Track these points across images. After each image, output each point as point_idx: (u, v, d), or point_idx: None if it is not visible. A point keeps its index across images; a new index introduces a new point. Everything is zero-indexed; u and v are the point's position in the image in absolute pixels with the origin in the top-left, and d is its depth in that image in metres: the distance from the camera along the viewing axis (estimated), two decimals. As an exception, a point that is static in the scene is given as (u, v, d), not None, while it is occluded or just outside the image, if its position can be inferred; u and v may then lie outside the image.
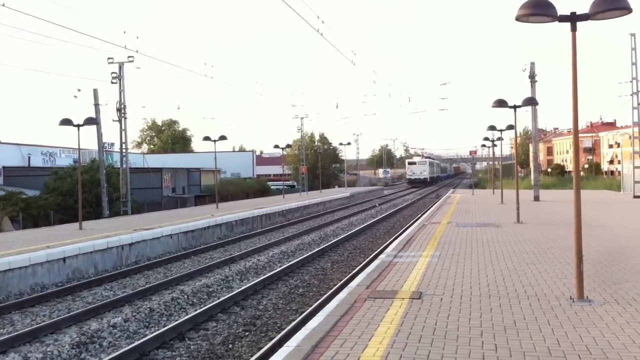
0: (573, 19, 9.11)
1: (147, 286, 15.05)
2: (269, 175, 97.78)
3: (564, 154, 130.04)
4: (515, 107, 22.27)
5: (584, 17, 8.98)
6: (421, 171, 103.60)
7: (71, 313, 12.32)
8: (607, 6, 8.56)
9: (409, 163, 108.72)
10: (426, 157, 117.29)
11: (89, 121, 24.13)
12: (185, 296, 13.79)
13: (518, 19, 9.14)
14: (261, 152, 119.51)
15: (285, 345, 7.37)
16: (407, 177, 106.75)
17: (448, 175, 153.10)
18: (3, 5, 14.11)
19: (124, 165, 38.41)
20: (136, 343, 10.03)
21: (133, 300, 13.56)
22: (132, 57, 36.63)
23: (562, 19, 9.10)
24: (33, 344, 10.38)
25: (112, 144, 55.68)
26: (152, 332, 10.92)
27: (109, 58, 37.11)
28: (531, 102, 24.52)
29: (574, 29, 9.17)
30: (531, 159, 45.52)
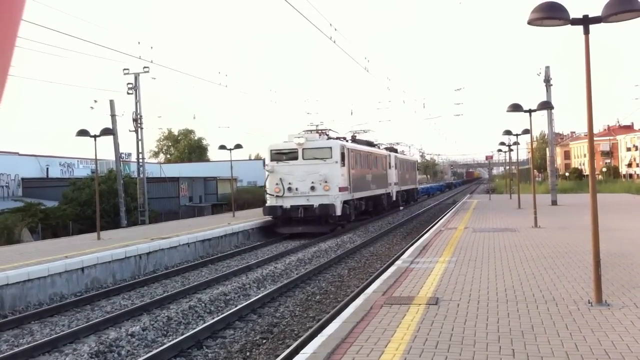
0: (586, 21, 9.08)
1: (164, 295, 15.12)
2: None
3: (581, 157, 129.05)
4: (530, 111, 22.20)
5: (597, 20, 8.95)
6: (312, 180, 28.52)
7: (90, 322, 12.40)
8: (620, 8, 8.53)
9: (275, 153, 29.66)
10: (353, 138, 38.38)
11: (106, 132, 24.31)
12: (203, 304, 13.83)
13: (531, 22, 9.13)
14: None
15: (301, 352, 7.38)
16: (267, 196, 29.73)
17: (441, 187, 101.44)
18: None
19: (141, 175, 38.63)
20: (154, 352, 10.08)
21: (151, 309, 13.63)
22: (148, 67, 36.90)
23: (575, 22, 9.08)
24: (52, 354, 10.46)
25: (129, 154, 56.00)
26: (170, 341, 10.96)
27: (124, 69, 37.40)
28: (546, 106, 24.44)
29: (587, 31, 9.14)
30: (548, 163, 45.21)
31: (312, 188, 27.93)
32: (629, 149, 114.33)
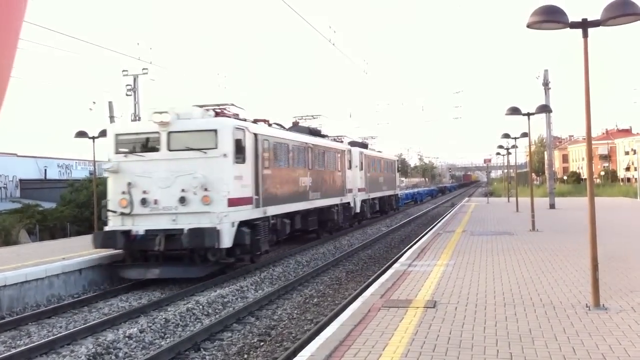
0: (585, 25, 9.10)
1: (162, 297, 15.10)
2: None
3: (579, 161, 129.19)
4: (529, 114, 22.23)
5: (596, 24, 8.97)
6: (183, 187, 16.54)
7: (87, 324, 12.39)
8: (618, 12, 8.55)
9: (123, 140, 17.79)
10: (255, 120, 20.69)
11: (104, 133, 24.27)
12: (201, 307, 13.81)
13: (530, 26, 9.15)
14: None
15: (299, 354, 7.38)
16: (108, 214, 17.27)
17: (433, 192, 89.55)
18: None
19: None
20: (152, 354, 10.07)
21: (148, 311, 13.61)
22: (147, 69, 36.84)
23: (574, 25, 9.10)
24: (50, 355, 10.44)
25: (128, 156, 55.84)
26: (168, 343, 10.95)
27: (123, 70, 37.34)
28: (545, 109, 24.49)
29: (585, 35, 9.16)
30: (546, 166, 45.27)
31: (182, 200, 16.23)
32: (627, 153, 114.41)
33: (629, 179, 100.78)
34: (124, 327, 12.16)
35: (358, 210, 32.84)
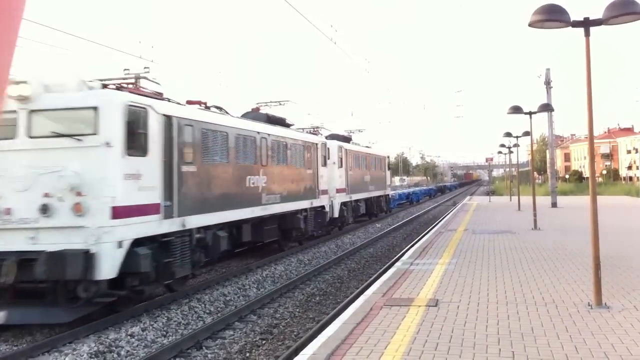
0: (586, 24, 9.10)
1: (164, 295, 15.10)
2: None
3: (581, 160, 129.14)
4: (530, 113, 22.23)
5: (597, 22, 8.97)
6: (47, 190, 11.24)
7: (89, 323, 12.38)
8: (620, 11, 8.55)
9: None
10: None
11: None
12: (203, 305, 13.83)
13: (532, 24, 9.15)
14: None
15: (301, 353, 7.38)
16: None
17: (431, 191, 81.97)
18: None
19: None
20: (154, 352, 10.09)
21: (150, 310, 13.61)
22: (148, 68, 36.78)
23: (576, 24, 9.11)
24: (52, 354, 10.45)
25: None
26: (170, 341, 10.96)
27: (125, 69, 37.31)
28: (547, 108, 24.49)
29: (587, 34, 9.17)
30: (548, 165, 45.23)
31: (45, 209, 11.33)
32: (629, 152, 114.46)
33: (630, 178, 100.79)
34: (126, 326, 12.16)
35: (336, 214, 27.49)
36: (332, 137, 30.27)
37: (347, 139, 33.11)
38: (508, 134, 33.27)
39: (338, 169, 28.22)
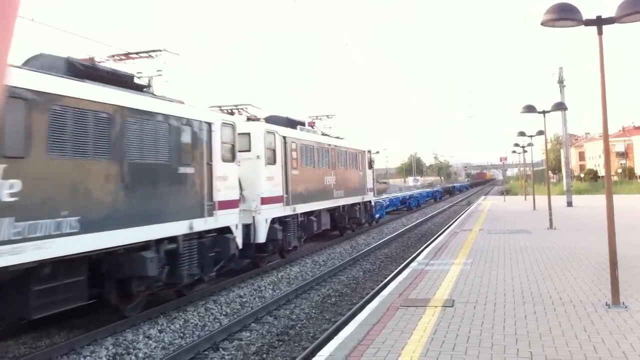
0: (599, 22, 9.07)
1: (181, 297, 15.16)
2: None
3: (596, 158, 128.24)
4: (544, 112, 22.14)
5: (610, 21, 8.94)
6: None
7: (107, 325, 12.47)
8: (633, 9, 8.52)
9: None
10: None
11: None
12: (219, 306, 13.89)
13: (544, 23, 9.13)
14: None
15: (318, 354, 7.40)
16: None
17: (437, 193, 70.36)
18: (32, 20, 14.40)
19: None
20: (171, 354, 10.15)
21: (167, 311, 13.68)
22: (161, 70, 36.95)
23: (588, 22, 9.07)
24: (70, 356, 10.53)
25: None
26: (187, 343, 11.02)
27: (138, 72, 37.48)
28: (560, 107, 24.36)
29: (600, 32, 9.13)
30: (563, 164, 44.99)
31: None
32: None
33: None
34: (143, 328, 12.24)
35: (261, 238, 18.11)
36: (271, 119, 21.54)
37: (295, 124, 23.08)
38: (522, 134, 33.17)
39: (266, 167, 18.78)
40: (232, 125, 15.93)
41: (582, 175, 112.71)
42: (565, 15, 8.95)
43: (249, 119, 19.71)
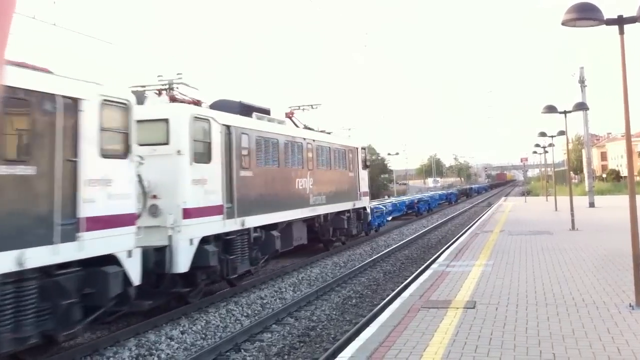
0: (620, 22, 9.01)
1: (202, 298, 15.25)
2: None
3: (618, 159, 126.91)
4: (565, 112, 21.99)
5: (631, 20, 8.88)
6: None
7: (130, 326, 12.58)
8: (656, 8, 8.44)
9: None
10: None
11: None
12: (240, 308, 13.95)
13: (565, 23, 9.08)
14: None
15: (339, 356, 7.42)
16: None
17: (451, 196, 65.09)
18: (54, 24, 14.64)
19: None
20: (193, 355, 10.22)
21: (189, 313, 13.77)
22: (181, 73, 37.20)
23: (609, 22, 9.02)
24: (94, 357, 10.64)
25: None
26: (209, 344, 11.09)
27: (158, 76, 37.71)
28: (582, 107, 24.20)
29: (621, 32, 9.07)
30: (585, 164, 44.60)
31: None
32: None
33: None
34: (165, 329, 12.33)
35: (181, 266, 12.78)
36: (217, 105, 16.56)
37: (250, 111, 17.53)
38: (543, 134, 32.97)
39: (192, 167, 13.38)
40: (124, 104, 10.71)
41: (604, 175, 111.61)
42: (586, 15, 8.91)
43: (173, 101, 14.36)
